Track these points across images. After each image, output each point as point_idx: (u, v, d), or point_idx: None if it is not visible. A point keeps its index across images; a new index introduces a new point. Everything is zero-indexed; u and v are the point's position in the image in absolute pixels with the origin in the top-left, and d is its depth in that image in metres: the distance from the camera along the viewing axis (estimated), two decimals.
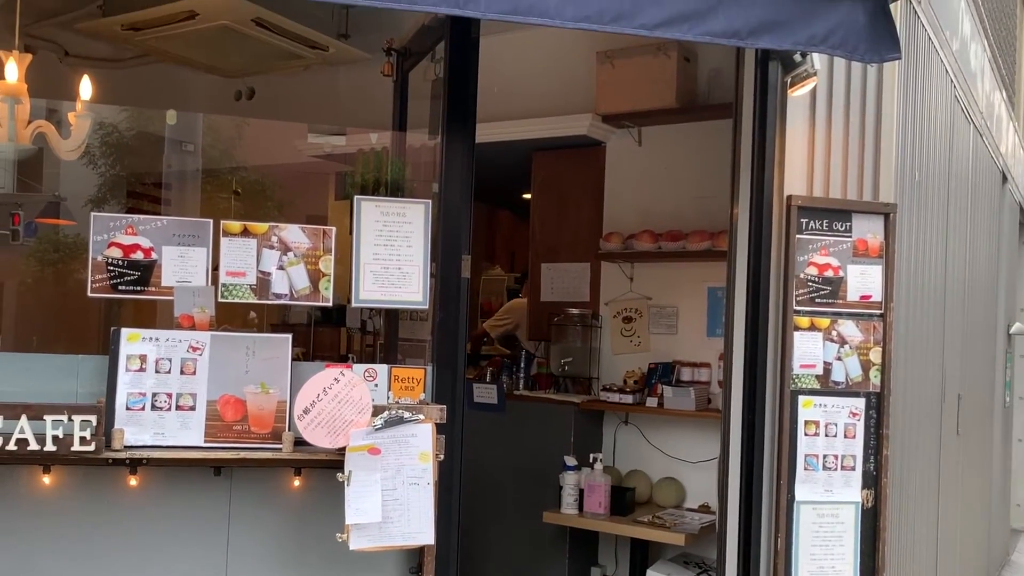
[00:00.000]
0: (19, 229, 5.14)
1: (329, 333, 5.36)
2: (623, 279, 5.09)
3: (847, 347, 3.28)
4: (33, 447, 2.36)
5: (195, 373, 2.60)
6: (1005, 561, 8.13)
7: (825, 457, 3.24)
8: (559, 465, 4.65)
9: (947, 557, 5.03)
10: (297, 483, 2.71)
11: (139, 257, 2.66)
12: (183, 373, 2.60)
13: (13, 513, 2.57)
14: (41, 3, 4.47)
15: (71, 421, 2.39)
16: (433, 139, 3.23)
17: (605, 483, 4.54)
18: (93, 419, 2.40)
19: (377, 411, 2.58)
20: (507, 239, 8.74)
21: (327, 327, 5.36)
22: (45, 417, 2.37)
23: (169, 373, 2.59)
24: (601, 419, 5.04)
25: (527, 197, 5.80)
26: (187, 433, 2.57)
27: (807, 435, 3.23)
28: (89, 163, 5.21)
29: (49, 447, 2.37)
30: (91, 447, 2.40)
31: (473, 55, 2.95)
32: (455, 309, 2.88)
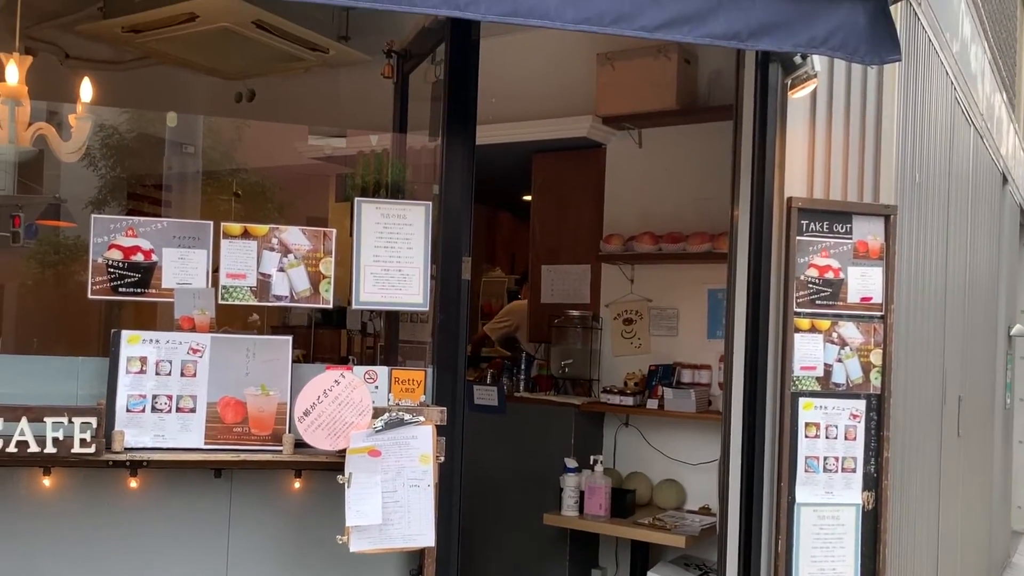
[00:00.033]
0: (19, 231, 5.14)
1: (329, 335, 5.36)
2: (623, 281, 5.08)
3: (848, 349, 3.28)
4: (33, 449, 2.36)
5: (195, 375, 2.60)
6: (1006, 563, 8.12)
7: (826, 459, 3.24)
8: (559, 467, 4.65)
9: (948, 559, 5.02)
10: (297, 485, 2.71)
11: (139, 259, 2.66)
12: (183, 375, 2.60)
13: (13, 515, 2.57)
14: (42, 5, 4.48)
15: (71, 423, 2.39)
16: (433, 141, 3.23)
17: (605, 485, 4.54)
18: (93, 421, 2.40)
19: (377, 413, 2.58)
20: (507, 241, 8.74)
21: (327, 329, 5.35)
22: (45, 419, 2.37)
23: (169, 375, 2.59)
24: (602, 421, 5.04)
25: (527, 199, 5.80)
26: (187, 435, 2.57)
27: (808, 437, 3.22)
28: (89, 165, 5.20)
29: (49, 449, 2.37)
30: (91, 449, 2.40)
31: (473, 57, 2.95)
32: (455, 311, 2.88)
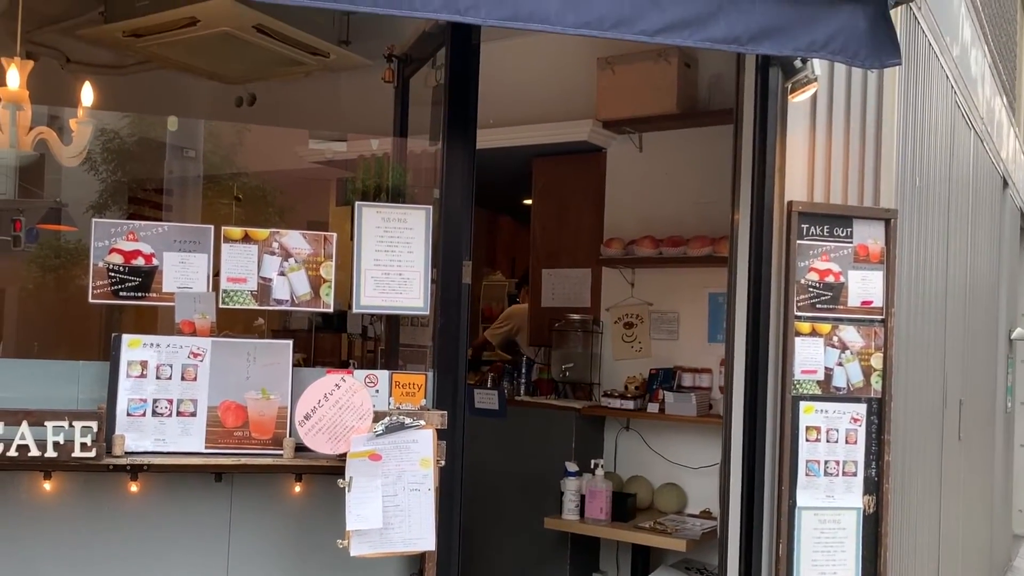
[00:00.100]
0: (20, 235, 5.14)
1: (330, 339, 5.36)
2: (624, 285, 5.09)
3: (848, 353, 3.28)
4: (34, 453, 2.36)
5: (196, 379, 2.60)
6: (1007, 566, 8.11)
7: (826, 463, 3.24)
8: (560, 471, 4.65)
9: (949, 562, 5.01)
10: (298, 489, 2.71)
11: (140, 263, 2.66)
12: (184, 379, 2.60)
13: (14, 519, 2.57)
14: (43, 10, 4.48)
15: (72, 427, 2.39)
16: (434, 145, 3.24)
17: (606, 489, 4.54)
18: (94, 425, 2.41)
19: (378, 417, 2.58)
20: (508, 245, 8.74)
21: (328, 333, 5.35)
22: (46, 423, 2.38)
23: (170, 379, 2.59)
24: (602, 425, 5.04)
25: (528, 203, 5.80)
26: (188, 439, 2.57)
27: (808, 441, 3.22)
28: (90, 169, 5.21)
29: (50, 453, 2.37)
30: (92, 453, 2.40)
31: (474, 61, 2.95)
32: (456, 315, 2.88)
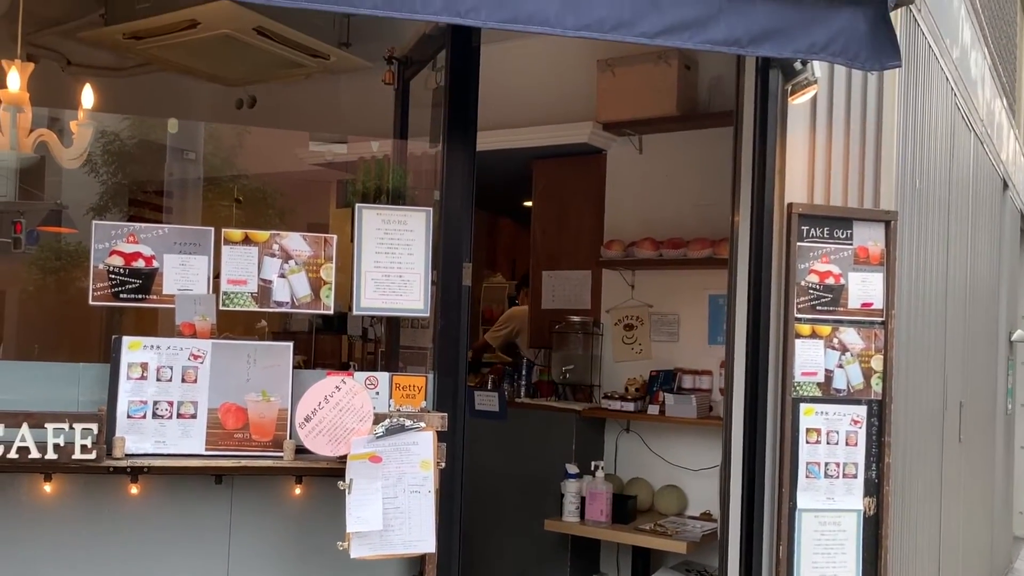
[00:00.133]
0: (21, 237, 5.15)
1: (330, 341, 5.36)
2: (624, 287, 5.09)
3: (848, 355, 3.28)
4: (34, 455, 2.36)
5: (196, 381, 2.60)
6: (1008, 568, 8.11)
7: (827, 465, 3.24)
8: (560, 473, 4.65)
9: (950, 565, 5.01)
10: (298, 491, 2.71)
11: (140, 265, 2.66)
12: (184, 381, 2.60)
13: (14, 521, 2.57)
14: (43, 12, 4.49)
15: (72, 429, 2.39)
16: (434, 147, 3.24)
17: (607, 491, 4.54)
18: (94, 427, 2.41)
19: (378, 419, 2.58)
20: (508, 247, 8.74)
21: (328, 335, 5.36)
22: (46, 425, 2.38)
23: (170, 381, 2.59)
24: (603, 427, 5.04)
25: (528, 205, 5.81)
26: (188, 441, 2.57)
27: (809, 443, 3.22)
28: (91, 171, 5.22)
29: (50, 455, 2.37)
30: (92, 455, 2.40)
31: (474, 63, 2.95)
32: (456, 317, 2.88)
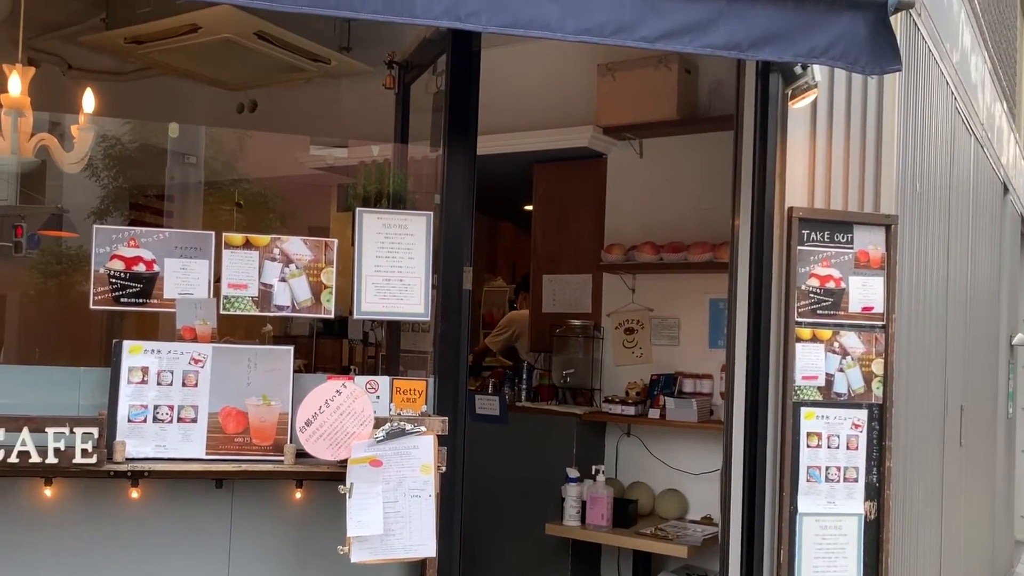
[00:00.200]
0: (22, 241, 5.16)
1: (331, 345, 5.36)
2: (625, 290, 5.09)
3: (849, 358, 3.28)
4: (35, 460, 2.36)
5: (197, 385, 2.60)
6: (1009, 572, 8.10)
7: (827, 469, 3.23)
8: (561, 477, 4.64)
9: (951, 568, 5.00)
10: (299, 495, 2.71)
11: (141, 269, 2.67)
12: (185, 385, 2.60)
13: (14, 525, 2.56)
14: (44, 16, 4.50)
15: (73, 434, 2.39)
16: (435, 151, 3.24)
17: (607, 495, 4.53)
18: (95, 431, 2.41)
19: (379, 423, 2.58)
20: (509, 250, 8.75)
21: (329, 339, 5.36)
22: (47, 429, 2.37)
23: (171, 385, 2.59)
24: (603, 431, 5.04)
25: (529, 209, 5.81)
26: (189, 445, 2.57)
27: (809, 447, 3.22)
28: (92, 175, 5.23)
29: (51, 460, 2.37)
30: (93, 459, 2.40)
31: (474, 68, 2.96)
32: (457, 321, 2.88)
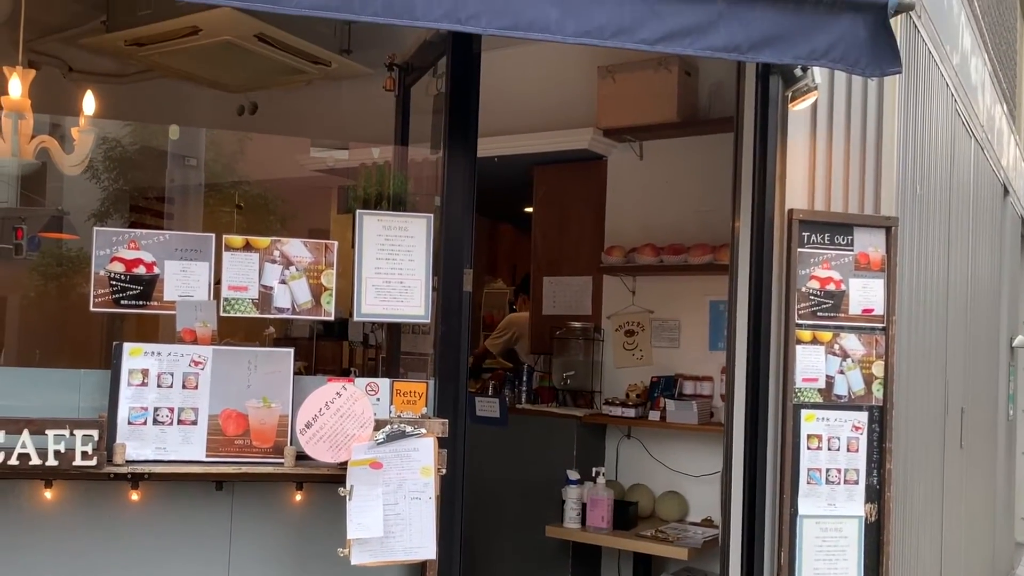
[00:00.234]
0: (22, 243, 5.15)
1: (331, 347, 5.36)
2: (625, 292, 5.09)
3: (849, 360, 3.28)
4: (35, 462, 2.36)
5: (197, 387, 2.60)
6: (1010, 574, 8.09)
7: (828, 471, 3.23)
8: (561, 479, 4.64)
9: (951, 571, 5.00)
10: (299, 498, 2.71)
11: (141, 271, 2.67)
12: (185, 387, 2.60)
13: (14, 528, 2.56)
14: (45, 19, 4.50)
15: (73, 436, 2.39)
16: (435, 153, 3.24)
17: (608, 497, 4.53)
18: (95, 434, 2.40)
19: (379, 425, 2.58)
20: (509, 252, 8.75)
21: (329, 341, 5.36)
22: (47, 432, 2.37)
23: (171, 387, 2.59)
24: (603, 433, 5.03)
25: (529, 211, 5.81)
26: (189, 448, 2.57)
27: (810, 449, 3.22)
28: (92, 178, 5.22)
29: (51, 462, 2.37)
30: (93, 462, 2.40)
31: (474, 70, 2.96)
32: (457, 323, 2.88)
